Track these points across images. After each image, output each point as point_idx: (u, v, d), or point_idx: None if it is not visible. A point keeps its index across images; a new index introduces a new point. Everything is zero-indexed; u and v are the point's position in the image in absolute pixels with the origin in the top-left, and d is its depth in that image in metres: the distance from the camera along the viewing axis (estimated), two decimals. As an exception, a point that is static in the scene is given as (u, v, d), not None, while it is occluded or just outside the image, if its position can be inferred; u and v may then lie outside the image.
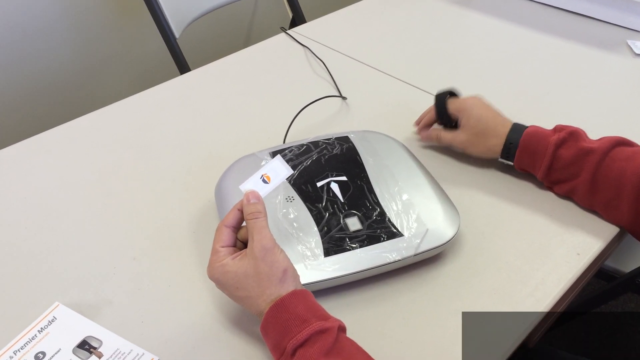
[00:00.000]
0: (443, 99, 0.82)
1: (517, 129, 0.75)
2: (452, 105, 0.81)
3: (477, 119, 0.77)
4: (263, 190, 0.58)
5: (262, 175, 0.59)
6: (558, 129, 0.74)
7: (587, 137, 0.73)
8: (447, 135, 0.81)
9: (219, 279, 0.56)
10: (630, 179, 0.67)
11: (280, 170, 0.59)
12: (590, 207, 0.73)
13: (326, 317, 0.53)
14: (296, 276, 0.56)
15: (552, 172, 0.73)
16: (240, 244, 0.59)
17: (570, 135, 0.72)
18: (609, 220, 0.72)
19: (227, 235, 0.57)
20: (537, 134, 0.74)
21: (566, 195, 0.75)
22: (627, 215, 0.69)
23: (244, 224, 0.58)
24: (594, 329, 1.48)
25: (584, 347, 1.45)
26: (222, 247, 0.56)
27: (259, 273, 0.54)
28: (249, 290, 0.54)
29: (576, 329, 1.48)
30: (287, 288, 0.54)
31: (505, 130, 0.75)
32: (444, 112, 0.81)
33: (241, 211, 0.58)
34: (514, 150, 0.75)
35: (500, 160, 0.77)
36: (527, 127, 0.75)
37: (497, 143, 0.76)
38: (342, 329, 0.53)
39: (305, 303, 0.53)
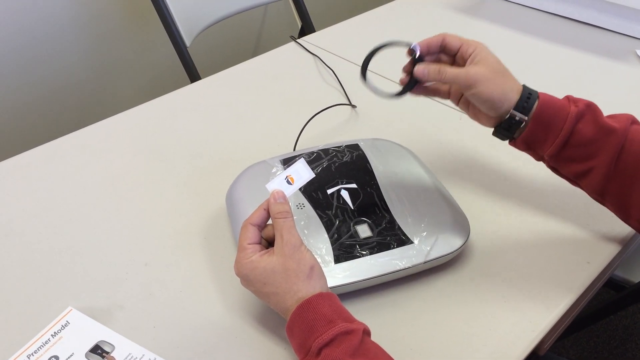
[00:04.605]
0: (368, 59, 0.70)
1: (528, 89, 0.65)
2: (454, 40, 0.67)
3: (497, 60, 0.66)
4: (287, 190, 0.59)
5: (286, 177, 0.60)
6: (572, 99, 0.65)
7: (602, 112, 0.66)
8: (453, 69, 0.65)
9: (247, 275, 0.57)
10: None
11: (303, 173, 0.60)
12: (600, 195, 0.66)
13: (351, 319, 0.54)
14: (322, 274, 0.57)
15: (567, 148, 0.64)
16: (265, 241, 0.60)
17: (587, 109, 0.64)
18: (618, 212, 0.67)
19: (253, 233, 0.58)
20: (553, 103, 0.65)
21: (573, 178, 0.67)
22: (636, 207, 0.64)
23: (268, 222, 0.59)
24: (604, 340, 1.47)
25: (593, 358, 1.44)
26: (249, 244, 0.57)
27: (287, 269, 0.55)
28: (277, 286, 0.55)
29: (585, 339, 1.47)
30: (314, 285, 0.55)
31: (519, 84, 0.66)
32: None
33: (267, 211, 0.58)
34: (531, 104, 0.64)
35: (513, 113, 0.64)
36: (537, 92, 0.65)
37: (514, 88, 0.65)
38: (366, 332, 0.54)
39: (330, 305, 0.54)
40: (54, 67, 1.44)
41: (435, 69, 0.66)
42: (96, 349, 0.59)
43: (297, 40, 1.16)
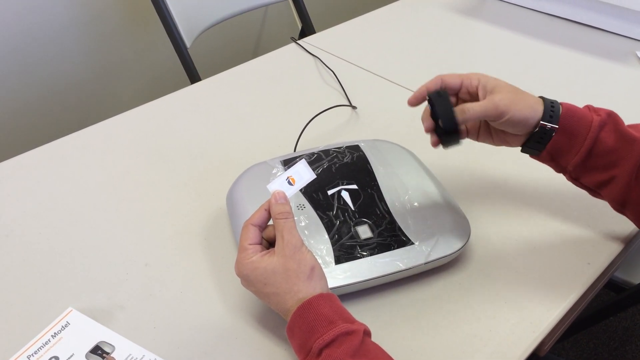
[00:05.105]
0: (444, 97, 0.64)
1: (547, 99, 0.65)
2: (454, 78, 0.66)
3: (506, 83, 0.65)
4: (288, 191, 0.59)
5: (287, 177, 0.60)
6: (592, 109, 0.65)
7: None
8: (478, 105, 0.63)
9: (248, 275, 0.57)
10: None
11: (304, 174, 0.60)
12: (621, 204, 0.66)
13: (352, 320, 0.54)
14: (323, 275, 0.57)
15: (590, 157, 0.64)
16: (265, 242, 0.60)
17: (609, 118, 0.64)
18: (638, 221, 0.67)
19: (254, 233, 0.58)
20: (575, 112, 0.64)
21: (595, 188, 0.67)
22: None
23: (269, 223, 0.59)
24: (603, 341, 1.47)
25: (593, 359, 1.44)
26: (250, 244, 0.57)
27: (288, 270, 0.55)
28: (277, 286, 0.55)
29: (585, 340, 1.47)
30: (314, 286, 0.55)
31: (536, 96, 0.66)
32: (448, 112, 0.63)
33: (268, 211, 0.58)
34: (557, 112, 0.64)
35: (543, 124, 0.63)
36: (557, 101, 0.65)
37: (536, 101, 0.64)
38: (367, 333, 0.54)
39: (331, 305, 0.54)
40: (55, 68, 1.45)
41: (459, 110, 0.63)
42: (96, 350, 0.59)
43: (298, 41, 1.16)
